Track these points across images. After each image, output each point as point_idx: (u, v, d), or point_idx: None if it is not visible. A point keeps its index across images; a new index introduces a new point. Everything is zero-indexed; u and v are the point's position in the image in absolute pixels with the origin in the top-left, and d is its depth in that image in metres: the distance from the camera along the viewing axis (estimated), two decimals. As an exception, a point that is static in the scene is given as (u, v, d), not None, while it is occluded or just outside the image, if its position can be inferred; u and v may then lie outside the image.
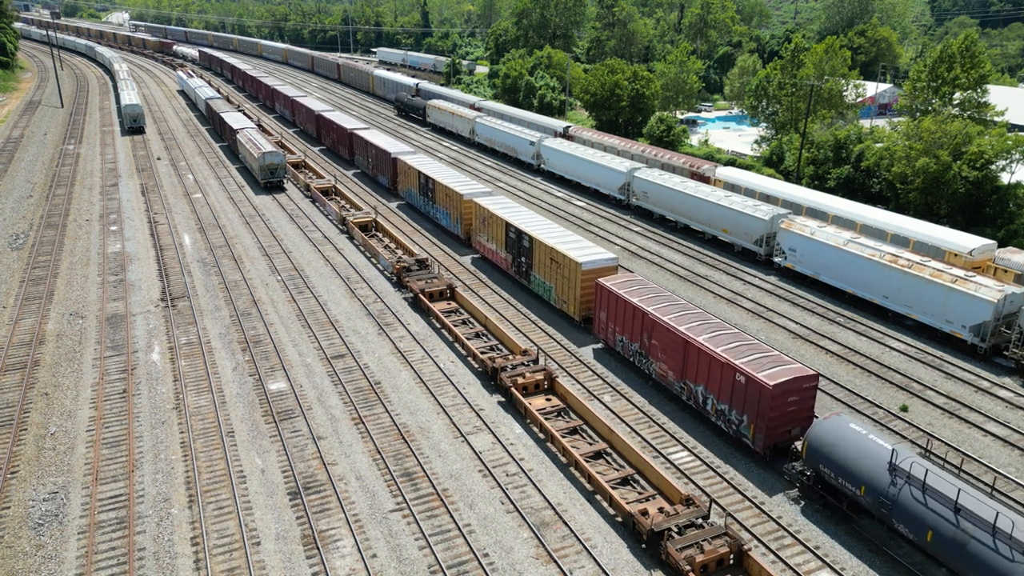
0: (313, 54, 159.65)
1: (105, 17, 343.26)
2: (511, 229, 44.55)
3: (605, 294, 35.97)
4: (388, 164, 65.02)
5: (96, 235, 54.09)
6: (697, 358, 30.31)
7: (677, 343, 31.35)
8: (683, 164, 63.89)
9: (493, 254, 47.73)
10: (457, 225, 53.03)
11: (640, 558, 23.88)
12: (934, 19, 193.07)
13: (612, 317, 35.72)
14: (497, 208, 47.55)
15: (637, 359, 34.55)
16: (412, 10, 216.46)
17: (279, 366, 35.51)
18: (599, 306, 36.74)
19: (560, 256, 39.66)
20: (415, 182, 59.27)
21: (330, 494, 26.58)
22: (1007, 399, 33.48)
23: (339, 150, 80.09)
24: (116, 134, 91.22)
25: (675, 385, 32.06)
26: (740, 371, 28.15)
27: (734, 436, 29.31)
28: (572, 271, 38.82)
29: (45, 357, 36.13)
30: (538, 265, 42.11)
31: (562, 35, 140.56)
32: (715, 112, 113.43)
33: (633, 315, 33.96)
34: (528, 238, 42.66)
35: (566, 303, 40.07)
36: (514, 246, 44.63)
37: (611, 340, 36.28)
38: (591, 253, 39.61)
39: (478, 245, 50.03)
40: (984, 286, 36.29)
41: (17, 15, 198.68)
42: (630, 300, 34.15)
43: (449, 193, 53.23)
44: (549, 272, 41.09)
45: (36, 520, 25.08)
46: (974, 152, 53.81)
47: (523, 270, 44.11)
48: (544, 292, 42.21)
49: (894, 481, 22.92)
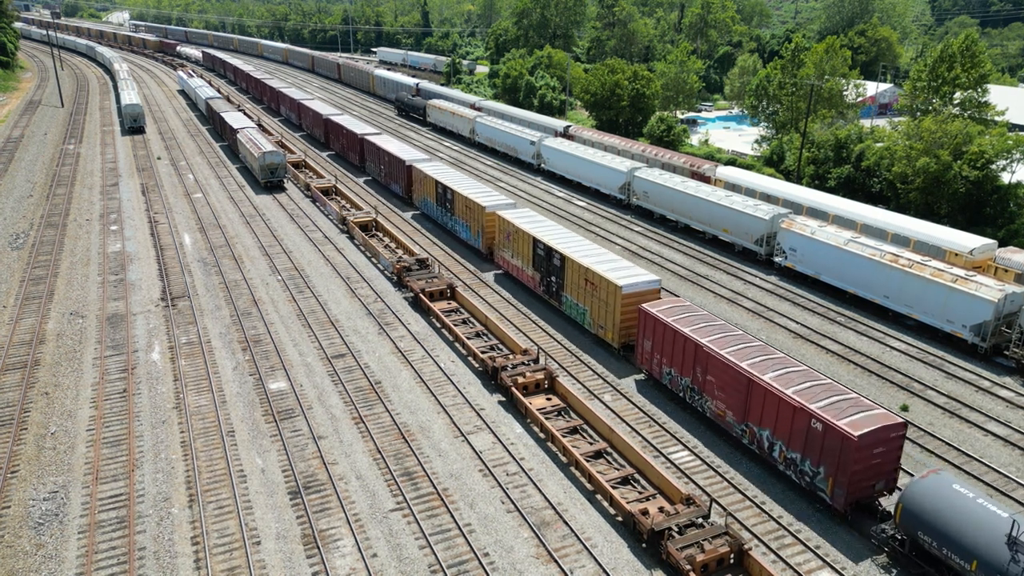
0: (313, 54, 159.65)
1: (105, 17, 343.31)
2: (539, 246, 41.43)
3: (650, 322, 32.87)
4: (402, 172, 62.13)
5: (96, 235, 54.09)
6: (763, 399, 27.24)
7: (738, 381, 28.25)
8: (683, 164, 63.87)
9: (519, 271, 44.52)
10: (478, 239, 49.85)
11: (640, 558, 23.87)
12: (934, 19, 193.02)
13: (658, 347, 32.60)
14: (524, 222, 44.19)
15: (688, 395, 31.39)
16: (412, 10, 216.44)
17: (279, 365, 35.50)
18: (643, 334, 33.60)
19: (597, 277, 36.53)
20: (432, 192, 56.20)
21: (330, 493, 26.57)
22: (1008, 399, 33.46)
23: (349, 156, 77.14)
24: (116, 134, 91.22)
25: (735, 428, 28.93)
26: (817, 417, 25.14)
27: (807, 488, 26.33)
28: (611, 295, 35.71)
29: (45, 356, 36.13)
30: (571, 286, 39.04)
31: (562, 35, 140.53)
32: (715, 112, 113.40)
33: (684, 347, 30.85)
34: (559, 256, 39.55)
35: (603, 329, 36.90)
36: (543, 264, 41.45)
37: (657, 372, 33.19)
38: (632, 275, 36.25)
39: (501, 261, 46.78)
40: (985, 286, 36.26)
41: (17, 15, 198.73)
42: (681, 330, 31.00)
43: (469, 204, 49.96)
44: (583, 294, 37.97)
45: (36, 519, 25.07)
46: (974, 152, 53.79)
47: (553, 290, 41.03)
48: (577, 315, 39.09)
49: (1015, 557, 20.26)
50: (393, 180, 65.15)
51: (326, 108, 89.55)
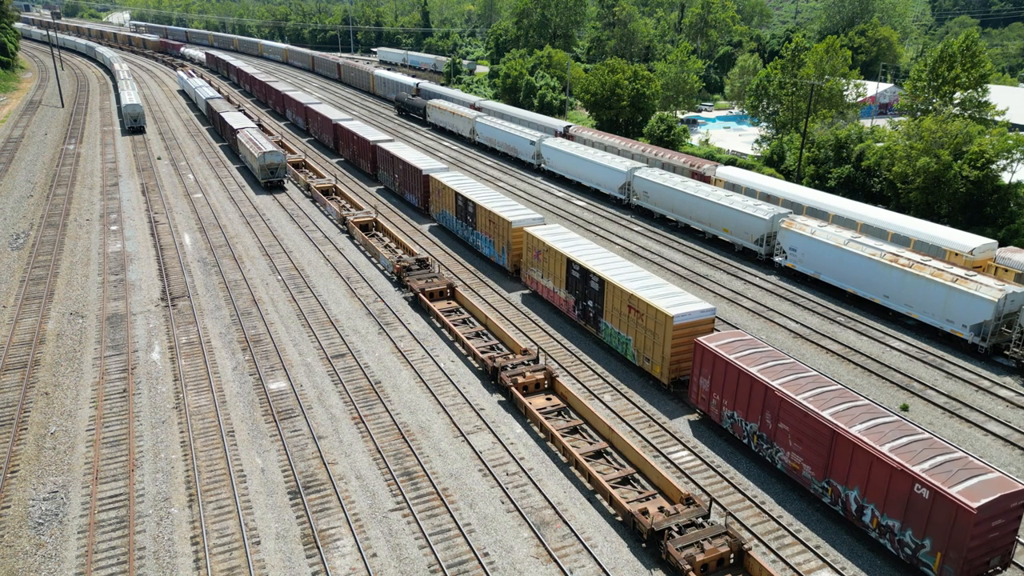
0: (313, 54, 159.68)
1: (106, 17, 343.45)
2: (574, 267, 38.29)
3: (708, 358, 29.72)
4: (418, 182, 58.86)
5: (96, 235, 54.10)
6: (851, 456, 24.13)
7: (819, 433, 25.17)
8: (684, 164, 63.86)
9: (549, 293, 41.36)
10: (503, 256, 46.47)
11: (640, 557, 23.86)
12: (935, 19, 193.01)
13: (718, 387, 29.45)
14: (556, 241, 40.96)
15: (755, 443, 28.21)
16: (412, 10, 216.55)
17: (279, 365, 35.50)
18: (698, 371, 30.41)
19: (643, 305, 33.16)
20: (451, 204, 52.85)
21: (330, 493, 26.57)
22: (1008, 398, 33.44)
23: (360, 163, 73.68)
24: (116, 134, 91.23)
25: (815, 484, 25.80)
26: (922, 482, 22.04)
27: (906, 562, 23.23)
28: (660, 325, 32.33)
29: (45, 356, 36.13)
30: (611, 312, 35.80)
31: (562, 35, 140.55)
32: (716, 112, 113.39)
33: (751, 389, 27.77)
34: (598, 279, 36.43)
35: (650, 362, 33.54)
36: (578, 287, 38.37)
37: (715, 413, 30.04)
38: (683, 303, 32.85)
39: (529, 280, 43.53)
40: (985, 285, 36.25)
41: (18, 15, 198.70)
42: (746, 370, 27.90)
43: (494, 219, 46.59)
44: (626, 322, 34.71)
45: (36, 519, 25.07)
46: (975, 152, 53.78)
47: (589, 316, 37.84)
48: (618, 345, 35.79)
49: None
50: (408, 190, 61.96)
51: (335, 113, 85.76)
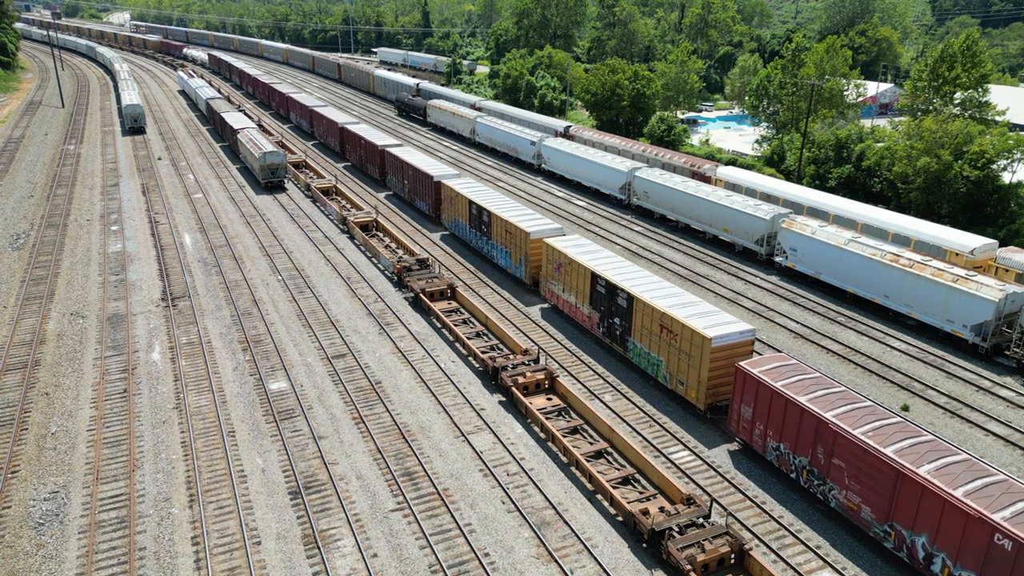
0: (314, 54, 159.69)
1: (106, 17, 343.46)
2: (600, 282, 36.49)
3: (751, 385, 27.86)
4: (429, 189, 56.94)
5: (97, 235, 54.10)
6: (918, 499, 22.08)
7: (881, 472, 23.17)
8: (684, 164, 63.86)
9: (572, 308, 39.50)
10: (520, 268, 44.56)
11: (641, 557, 23.85)
12: (935, 19, 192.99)
13: (762, 416, 27.57)
14: (579, 253, 38.98)
15: (805, 478, 26.30)
16: (413, 10, 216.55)
17: (280, 366, 35.50)
18: (740, 398, 28.53)
19: (677, 325, 31.26)
20: (464, 212, 50.96)
21: (331, 493, 26.57)
22: (1008, 398, 33.44)
23: (367, 168, 71.43)
24: (117, 134, 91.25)
25: (875, 527, 23.78)
26: (1005, 532, 19.98)
27: None
28: (696, 347, 30.44)
29: (46, 357, 36.13)
30: (640, 331, 33.90)
31: (563, 35, 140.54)
32: (716, 112, 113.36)
33: (801, 421, 25.77)
34: (626, 296, 34.51)
35: (684, 386, 31.65)
36: (603, 303, 36.52)
37: (759, 445, 28.16)
38: (720, 323, 30.93)
39: (548, 294, 41.67)
40: (985, 285, 36.24)
41: (18, 15, 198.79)
42: (795, 399, 26.01)
43: (510, 229, 44.73)
44: (657, 343, 32.78)
45: (37, 519, 25.07)
46: (975, 152, 53.77)
47: (616, 334, 35.96)
48: (648, 366, 33.92)
49: None
50: (419, 197, 59.89)
51: (341, 116, 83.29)
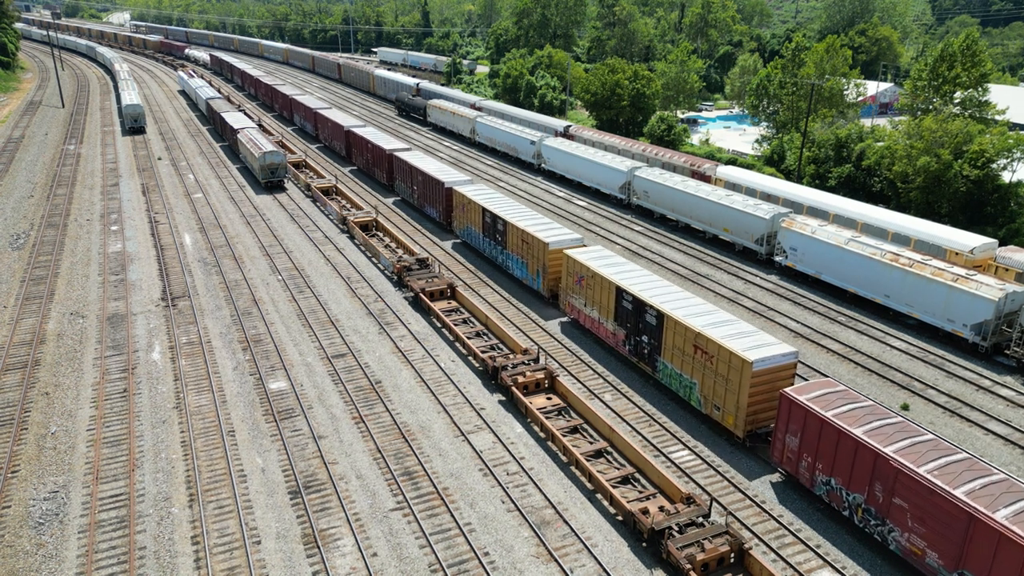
0: (314, 54, 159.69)
1: (106, 17, 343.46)
2: (626, 297, 34.54)
3: (798, 414, 25.91)
4: (440, 195, 54.92)
5: (97, 235, 54.11)
6: (995, 547, 20.08)
7: (950, 516, 21.18)
8: (684, 163, 63.85)
9: (594, 324, 37.58)
10: (538, 280, 42.75)
11: (641, 557, 23.85)
12: (935, 18, 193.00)
13: (810, 448, 25.65)
14: (602, 266, 37.08)
15: (859, 516, 24.29)
16: (412, 10, 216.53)
17: (280, 365, 35.50)
18: (785, 427, 26.60)
19: (713, 346, 29.42)
20: (477, 220, 49.10)
21: (330, 493, 26.57)
22: (1008, 398, 33.43)
23: (375, 173, 69.38)
24: (117, 134, 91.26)
25: (942, 574, 21.87)
26: None
27: None
28: (735, 370, 28.52)
29: (46, 356, 36.14)
30: (671, 351, 32.00)
31: (563, 35, 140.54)
32: (716, 111, 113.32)
33: (856, 455, 23.91)
34: (656, 314, 32.56)
35: (720, 411, 29.82)
36: (629, 320, 34.59)
37: (805, 477, 26.26)
38: (760, 344, 28.95)
39: (569, 308, 39.80)
40: (985, 285, 36.23)
41: (18, 15, 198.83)
42: (849, 432, 24.06)
43: (527, 239, 42.86)
44: (690, 364, 30.92)
45: (37, 519, 25.08)
46: (975, 151, 53.77)
47: (644, 353, 34.06)
48: (680, 388, 32.02)
49: None
50: (428, 203, 57.89)
51: (348, 119, 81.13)
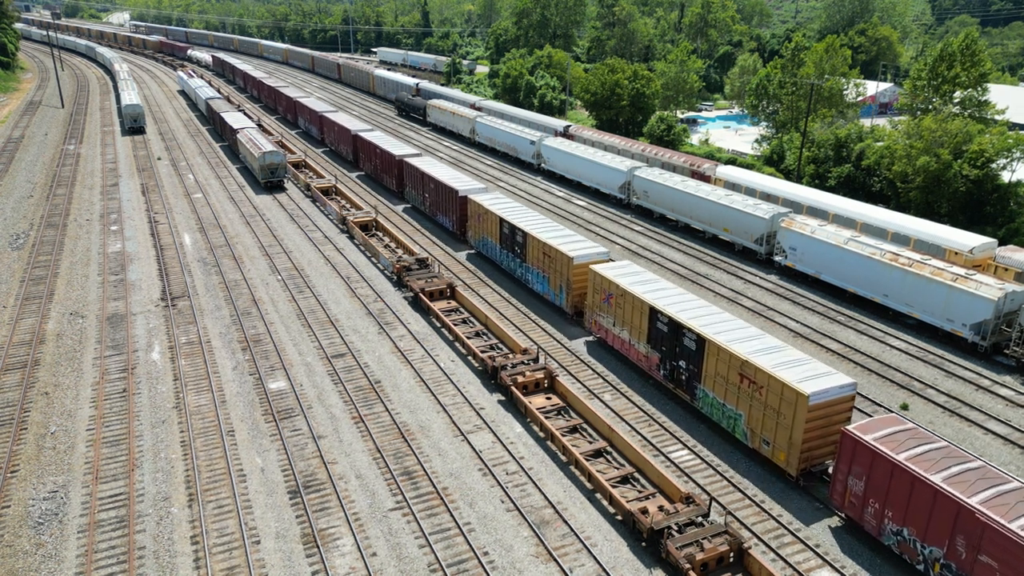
0: (313, 54, 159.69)
1: (106, 18, 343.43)
2: (661, 319, 32.32)
3: (864, 455, 23.64)
4: (453, 204, 52.78)
5: (96, 235, 54.11)
6: None
7: None
8: (684, 163, 63.86)
9: (624, 345, 35.49)
10: (561, 296, 40.59)
11: (640, 556, 23.86)
12: (935, 18, 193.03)
13: (878, 493, 23.41)
14: (633, 283, 34.82)
15: (937, 572, 22.16)
16: (412, 10, 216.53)
17: (279, 365, 35.50)
18: (847, 468, 24.36)
19: (763, 376, 27.18)
20: (494, 231, 46.96)
21: (330, 493, 26.57)
22: (1008, 397, 33.44)
23: (383, 179, 67.61)
24: (116, 134, 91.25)
25: None
26: None
27: None
28: (788, 403, 26.33)
29: (45, 356, 36.13)
30: (713, 379, 29.80)
31: (562, 35, 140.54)
32: (715, 111, 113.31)
33: (934, 504, 21.60)
34: (695, 338, 30.30)
35: (770, 446, 27.51)
36: (664, 342, 32.40)
37: (870, 524, 23.99)
38: (815, 374, 26.75)
39: (595, 326, 37.73)
40: (985, 284, 36.24)
41: (18, 15, 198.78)
42: (925, 478, 21.77)
43: (549, 252, 40.73)
44: (735, 394, 28.73)
45: (36, 519, 25.08)
46: (975, 151, 53.77)
47: (681, 379, 31.86)
48: (723, 419, 29.75)
49: None
50: (441, 212, 55.77)
51: (355, 123, 78.81)
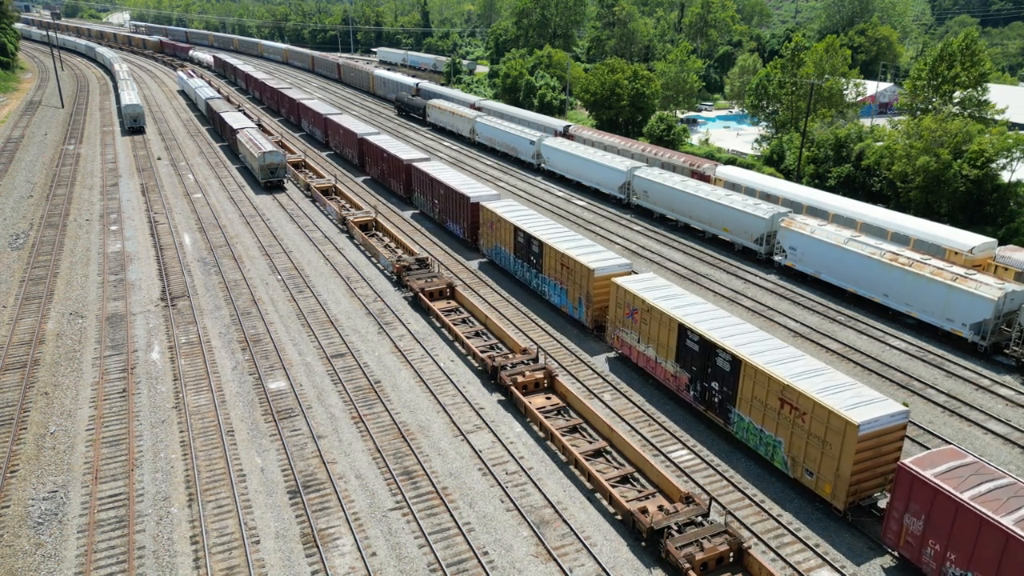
0: (313, 54, 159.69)
1: (106, 18, 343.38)
2: (691, 336, 30.44)
3: (923, 492, 21.71)
4: (465, 211, 51.24)
5: (96, 235, 54.10)
6: None
7: None
8: (683, 163, 63.85)
9: (649, 363, 33.62)
10: (580, 309, 38.78)
11: (640, 556, 23.85)
12: (934, 18, 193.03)
13: (939, 534, 21.52)
14: (660, 298, 32.93)
15: None
16: (412, 10, 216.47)
17: (279, 365, 35.50)
18: (904, 506, 22.28)
19: (807, 402, 25.24)
20: (507, 239, 45.35)
21: (330, 493, 26.57)
22: (1008, 397, 33.43)
23: (390, 184, 65.84)
24: (116, 134, 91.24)
25: None
26: None
27: None
28: (835, 432, 24.49)
29: (45, 356, 36.13)
30: (749, 403, 27.90)
31: (562, 35, 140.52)
32: (715, 111, 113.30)
33: (1005, 549, 20.00)
34: (730, 358, 28.46)
35: (814, 477, 25.66)
36: (695, 362, 30.50)
37: (930, 567, 22.11)
38: (864, 401, 24.92)
39: (617, 342, 35.94)
40: (984, 284, 36.24)
41: (18, 16, 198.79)
42: (997, 522, 20.10)
43: (568, 263, 38.89)
44: (774, 420, 26.81)
45: (36, 519, 25.07)
46: (974, 150, 53.76)
47: (713, 401, 29.97)
48: (761, 446, 27.93)
49: None
50: (451, 219, 54.16)
51: (361, 126, 77.09)
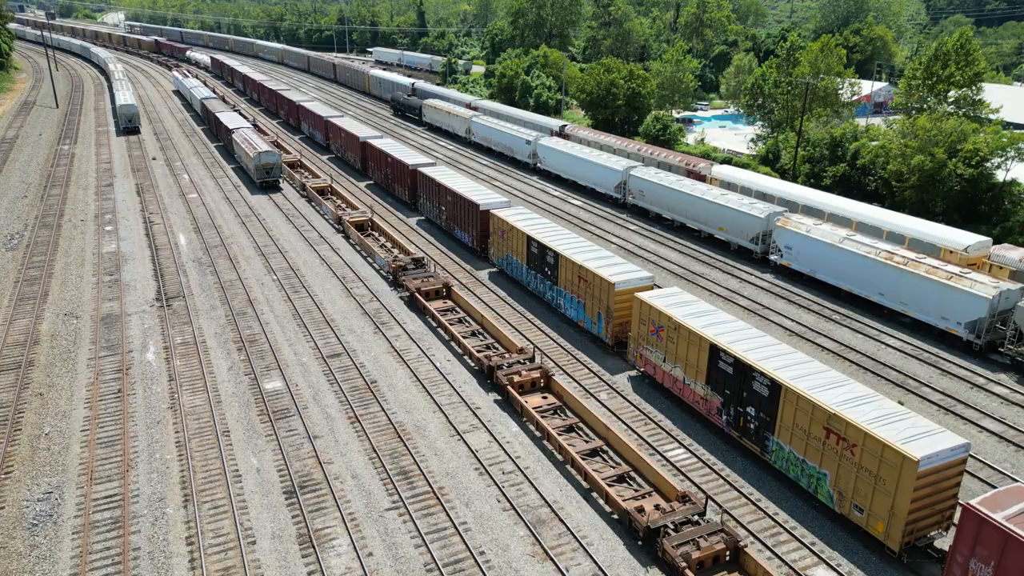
0: (309, 54, 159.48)
1: (101, 18, 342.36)
2: (724, 358, 28.69)
3: (992, 537, 19.84)
4: (473, 218, 49.37)
5: (91, 235, 53.93)
6: None
7: None
8: (679, 162, 63.90)
9: (676, 384, 31.82)
10: (599, 324, 37.16)
11: (636, 555, 23.86)
12: (929, 18, 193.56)
13: None
14: (689, 315, 31.11)
15: None
16: (408, 10, 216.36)
17: (275, 365, 35.43)
18: (969, 551, 20.52)
19: (857, 433, 23.54)
20: (520, 249, 43.74)
21: (326, 493, 26.52)
22: (1002, 395, 33.53)
23: (395, 189, 64.18)
24: (111, 134, 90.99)
25: None
26: None
27: None
28: (890, 467, 22.74)
29: (40, 357, 36.00)
30: (790, 431, 26.08)
31: (558, 34, 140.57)
32: (711, 111, 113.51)
33: None
34: (769, 383, 26.65)
35: (864, 513, 23.95)
36: (728, 385, 28.75)
37: None
38: (920, 433, 23.23)
39: (640, 361, 34.07)
40: (979, 283, 36.34)
41: (12, 16, 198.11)
42: None
43: (585, 276, 37.32)
44: (819, 450, 25.02)
45: (30, 520, 24.98)
46: (969, 150, 53.91)
47: (749, 428, 28.16)
48: (802, 478, 26.12)
49: None
50: (459, 226, 52.31)
51: (364, 129, 75.46)
